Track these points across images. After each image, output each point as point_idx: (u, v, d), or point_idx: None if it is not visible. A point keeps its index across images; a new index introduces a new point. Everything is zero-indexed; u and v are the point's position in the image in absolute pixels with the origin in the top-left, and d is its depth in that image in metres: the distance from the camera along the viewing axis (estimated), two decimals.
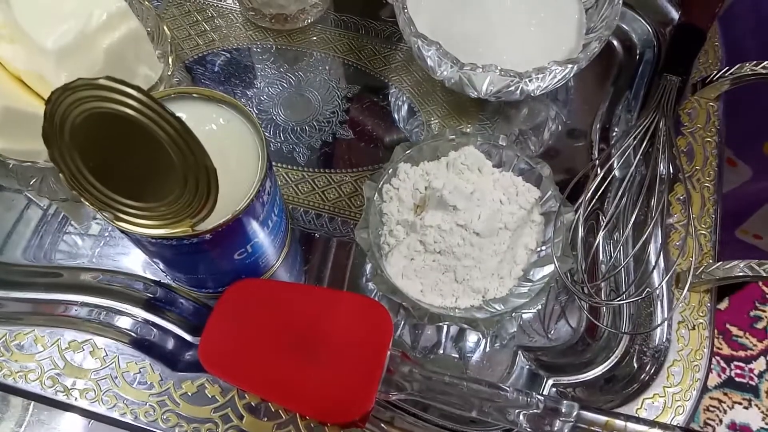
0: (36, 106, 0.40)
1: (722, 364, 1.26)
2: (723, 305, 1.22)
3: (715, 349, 0.36)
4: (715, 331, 0.42)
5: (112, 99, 0.27)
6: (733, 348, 1.28)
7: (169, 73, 0.44)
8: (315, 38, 0.49)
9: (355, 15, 0.50)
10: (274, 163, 0.44)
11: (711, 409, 1.18)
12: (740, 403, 1.18)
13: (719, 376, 1.23)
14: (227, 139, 0.35)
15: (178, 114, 0.35)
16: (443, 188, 0.37)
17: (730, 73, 0.41)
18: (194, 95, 0.35)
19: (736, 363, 1.28)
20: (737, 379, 1.24)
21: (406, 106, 0.47)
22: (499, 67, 0.39)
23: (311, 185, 0.43)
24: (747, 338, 1.33)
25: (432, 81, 0.47)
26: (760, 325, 1.32)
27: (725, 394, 1.20)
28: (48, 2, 0.40)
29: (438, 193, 0.37)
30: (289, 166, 0.44)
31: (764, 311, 1.34)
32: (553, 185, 0.39)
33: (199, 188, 0.29)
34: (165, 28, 0.45)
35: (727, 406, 1.19)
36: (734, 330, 1.31)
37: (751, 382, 1.21)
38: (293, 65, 0.48)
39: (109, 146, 0.29)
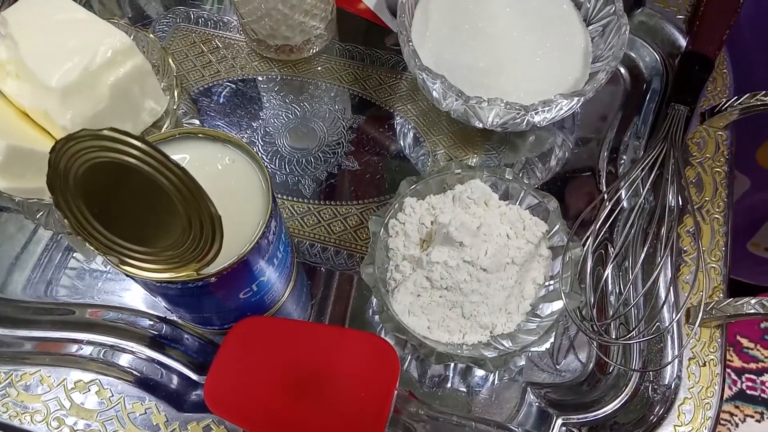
0: (42, 143, 0.41)
1: (733, 376, 1.24)
2: None
3: (726, 362, 0.36)
4: (727, 359, 0.42)
5: (116, 149, 0.27)
6: (744, 360, 1.26)
7: (175, 107, 0.44)
8: (320, 68, 0.49)
9: (359, 44, 0.50)
10: (279, 196, 0.44)
11: (722, 422, 1.17)
12: (752, 416, 1.16)
13: (730, 388, 1.21)
14: (233, 178, 0.35)
15: (183, 154, 0.35)
16: (449, 224, 0.36)
17: (739, 103, 0.41)
18: (199, 135, 0.35)
19: (747, 375, 1.26)
20: (749, 391, 1.23)
21: (411, 136, 0.47)
22: (504, 101, 0.39)
23: (317, 218, 0.43)
24: (758, 350, 1.31)
25: (437, 110, 0.47)
26: None
27: (737, 407, 1.18)
28: (53, 40, 0.40)
29: (444, 229, 0.37)
30: (294, 199, 0.44)
31: None
32: (560, 219, 0.38)
33: (204, 234, 0.29)
34: (170, 60, 0.45)
35: (739, 419, 1.17)
36: (745, 342, 1.29)
37: (763, 395, 1.20)
38: (298, 96, 0.48)
39: (113, 193, 0.29)
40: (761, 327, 1.36)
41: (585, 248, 0.39)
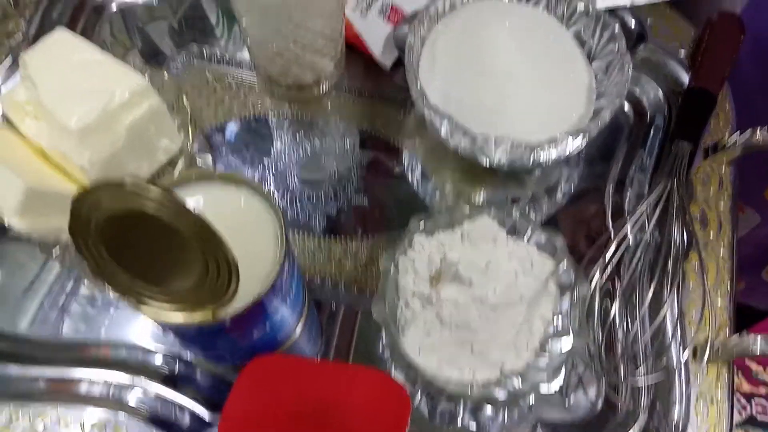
0: (60, 184, 0.42)
1: (743, 401, 1.23)
2: None
3: (735, 387, 0.36)
4: (735, 389, 0.42)
5: (137, 197, 0.27)
6: (753, 385, 1.25)
7: (189, 144, 0.45)
8: (330, 105, 0.50)
9: (369, 81, 0.51)
10: (291, 232, 0.45)
11: None
12: None
13: (740, 414, 1.20)
14: (247, 220, 0.35)
15: (199, 196, 0.36)
16: (459, 263, 0.37)
17: (742, 139, 0.41)
18: (215, 177, 0.36)
19: (756, 400, 1.25)
20: (759, 416, 1.22)
21: (419, 171, 0.48)
22: (511, 139, 0.40)
23: (327, 254, 0.44)
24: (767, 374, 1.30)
25: (445, 146, 0.47)
26: None
27: None
28: (71, 81, 0.41)
29: (453, 267, 0.37)
30: (306, 235, 0.45)
31: None
32: (567, 256, 0.39)
33: (220, 278, 0.29)
34: (185, 98, 0.46)
35: None
36: (753, 366, 1.29)
37: None
38: (309, 133, 0.49)
39: (133, 238, 0.29)
40: None
41: (592, 286, 0.40)
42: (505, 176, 0.47)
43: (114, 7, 0.55)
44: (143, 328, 0.41)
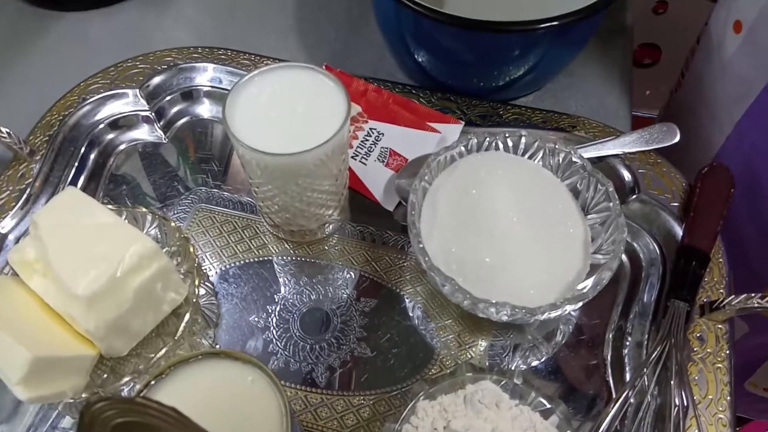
0: (67, 346, 0.42)
1: None
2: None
3: None
4: None
5: (144, 412, 0.28)
6: None
7: (195, 293, 0.46)
8: (333, 250, 0.51)
9: (370, 225, 0.52)
10: (294, 386, 0.45)
11: None
12: None
13: None
14: (252, 398, 0.36)
15: (206, 374, 0.37)
16: None
17: (737, 303, 0.42)
18: (221, 355, 0.36)
19: None
20: None
21: (421, 319, 0.48)
22: (510, 305, 0.41)
23: (330, 410, 0.44)
24: None
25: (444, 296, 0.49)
26: None
27: None
28: (80, 245, 0.42)
29: None
30: (308, 389, 0.45)
31: None
32: (570, 426, 0.39)
33: None
34: (191, 248, 0.47)
35: None
36: None
37: None
38: (312, 278, 0.50)
39: None
40: None
41: None
42: (506, 326, 0.48)
43: (123, 146, 0.57)
44: None
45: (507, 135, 0.50)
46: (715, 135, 0.59)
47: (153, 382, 0.36)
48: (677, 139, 0.53)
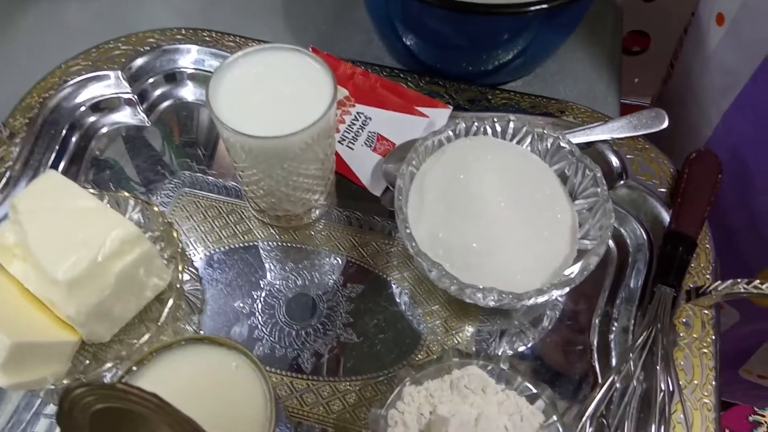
0: (47, 331, 0.41)
1: None
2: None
3: None
4: None
5: (125, 398, 0.27)
6: None
7: (178, 278, 0.45)
8: (319, 235, 0.50)
9: (357, 211, 0.52)
10: (279, 372, 0.44)
11: None
12: None
13: None
14: (236, 385, 0.35)
15: (190, 360, 0.36)
16: (449, 424, 0.37)
17: (723, 288, 0.42)
18: (205, 341, 0.36)
19: None
20: None
21: (407, 305, 0.48)
22: (498, 290, 0.41)
23: (316, 396, 0.44)
24: None
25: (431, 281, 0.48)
26: (760, 431, 1.30)
27: None
28: (61, 229, 0.41)
29: (444, 428, 0.37)
30: (294, 375, 0.44)
31: (764, 416, 1.32)
32: (556, 411, 0.39)
33: None
34: (174, 233, 0.46)
35: None
36: None
37: None
38: (298, 264, 0.49)
39: (122, 430, 0.29)
40: (750, 420, 1.36)
41: None
42: (492, 311, 0.48)
43: (105, 129, 0.56)
44: None
45: (495, 120, 0.49)
46: (704, 125, 0.59)
47: (135, 368, 0.35)
48: (665, 124, 0.52)
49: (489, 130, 0.50)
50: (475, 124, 0.50)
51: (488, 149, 0.49)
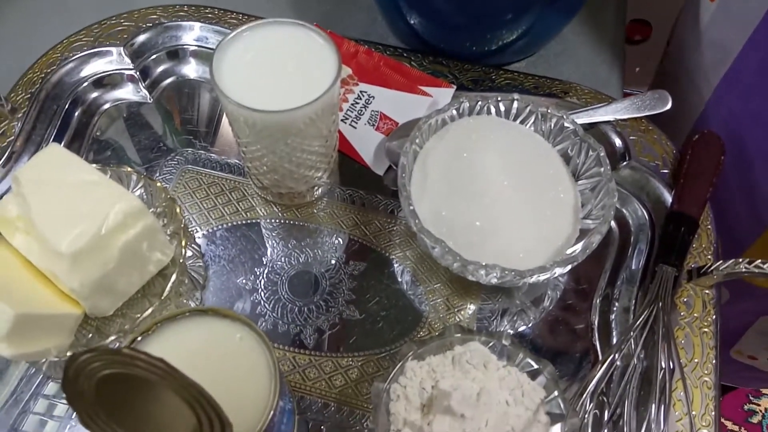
0: (50, 303, 0.41)
1: None
2: None
3: None
4: None
5: (131, 363, 0.27)
6: None
7: (181, 254, 0.45)
8: (322, 213, 0.50)
9: (360, 189, 0.52)
10: (282, 347, 0.45)
11: None
12: None
13: None
14: (241, 357, 0.35)
15: (194, 332, 0.36)
16: (451, 397, 0.37)
17: (725, 268, 0.43)
18: (209, 313, 0.36)
19: None
20: None
21: (410, 283, 0.48)
22: (501, 267, 0.41)
23: (318, 371, 0.44)
24: None
25: (434, 259, 0.48)
26: (755, 420, 1.31)
27: None
28: (64, 202, 0.41)
29: (446, 401, 0.37)
30: (296, 350, 0.45)
31: (758, 405, 1.34)
32: (557, 386, 0.39)
33: None
34: (177, 209, 0.46)
35: None
36: (729, 425, 1.29)
37: None
38: (301, 241, 0.49)
39: (127, 396, 0.29)
40: (745, 409, 1.37)
41: (581, 414, 0.40)
42: (494, 290, 0.48)
43: (108, 105, 0.55)
44: None
45: (499, 99, 0.49)
46: (696, 101, 0.59)
47: (140, 339, 0.35)
48: (669, 106, 0.53)
49: (493, 110, 0.50)
50: (479, 103, 0.49)
51: (492, 128, 0.49)
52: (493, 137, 0.48)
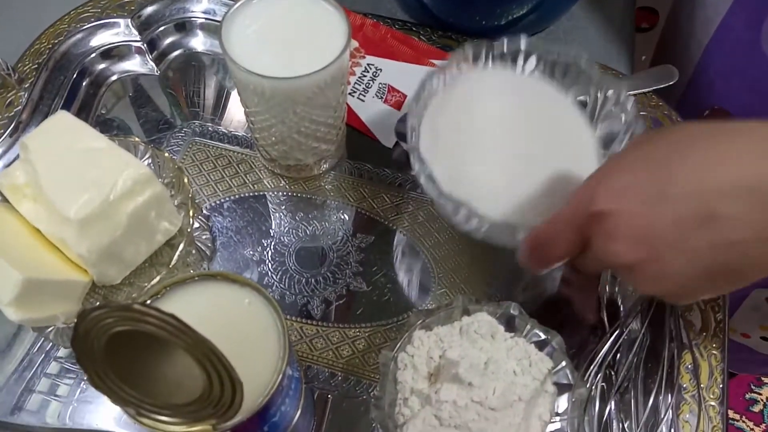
0: (57, 269, 0.41)
1: None
2: None
3: None
4: None
5: (141, 320, 0.27)
6: None
7: (189, 224, 0.45)
8: (329, 186, 0.50)
9: (368, 162, 0.51)
10: (289, 317, 0.45)
11: None
12: None
13: None
14: (249, 321, 0.35)
15: (203, 297, 0.36)
16: (459, 366, 0.37)
17: None
18: (217, 277, 0.36)
19: None
20: None
21: (417, 257, 0.48)
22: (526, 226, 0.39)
23: (325, 341, 0.44)
24: (744, 422, 1.32)
25: (442, 232, 0.48)
26: (756, 408, 1.32)
27: None
28: (72, 169, 0.41)
29: (453, 369, 0.37)
30: (304, 321, 0.45)
31: (760, 394, 1.34)
32: (565, 356, 0.39)
33: (224, 395, 0.29)
34: (185, 179, 0.46)
35: None
36: (730, 413, 1.30)
37: None
38: (308, 214, 0.49)
39: (137, 354, 0.29)
40: (746, 398, 1.37)
41: (588, 385, 0.40)
42: (504, 264, 0.48)
43: (115, 77, 0.55)
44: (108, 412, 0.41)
45: (507, 41, 0.46)
46: (686, 62, 0.59)
47: (148, 302, 0.35)
48: (675, 78, 0.52)
49: (498, 54, 0.47)
50: (484, 50, 0.46)
51: (500, 81, 0.47)
52: (503, 89, 0.46)
